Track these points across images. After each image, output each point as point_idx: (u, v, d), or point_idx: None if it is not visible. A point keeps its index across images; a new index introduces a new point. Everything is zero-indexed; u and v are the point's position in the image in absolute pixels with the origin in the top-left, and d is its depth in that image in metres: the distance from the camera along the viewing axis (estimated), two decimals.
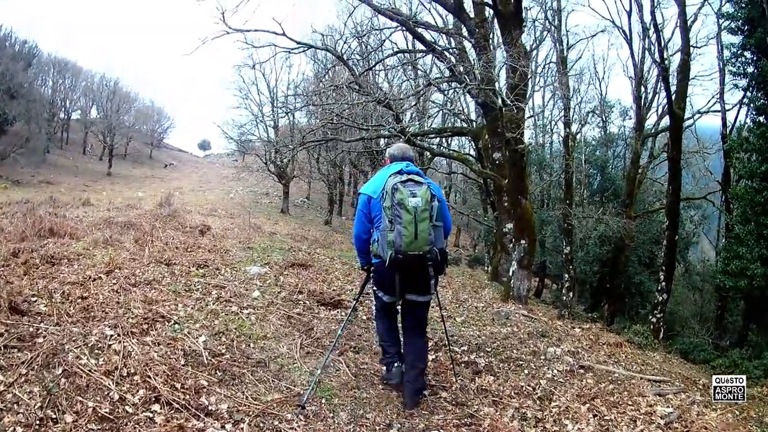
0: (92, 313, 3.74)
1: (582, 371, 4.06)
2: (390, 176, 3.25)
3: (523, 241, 8.25)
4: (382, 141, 20.20)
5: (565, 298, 13.46)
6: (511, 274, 8.34)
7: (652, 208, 19.08)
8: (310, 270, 6.57)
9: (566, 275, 14.03)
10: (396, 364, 3.54)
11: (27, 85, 28.11)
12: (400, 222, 3.08)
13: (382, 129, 10.05)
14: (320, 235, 17.49)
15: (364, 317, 5.05)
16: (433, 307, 3.78)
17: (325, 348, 4.04)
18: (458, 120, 16.29)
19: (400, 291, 3.30)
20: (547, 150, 23.05)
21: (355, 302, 4.24)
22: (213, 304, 4.57)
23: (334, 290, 5.78)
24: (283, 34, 7.98)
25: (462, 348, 4.43)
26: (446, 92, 14.40)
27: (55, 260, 5.32)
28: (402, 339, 3.62)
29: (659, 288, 12.17)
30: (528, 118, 14.22)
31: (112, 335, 3.36)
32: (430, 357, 4.07)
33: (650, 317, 12.31)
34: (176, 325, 3.84)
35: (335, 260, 8.19)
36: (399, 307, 3.49)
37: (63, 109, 42.13)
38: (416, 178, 3.23)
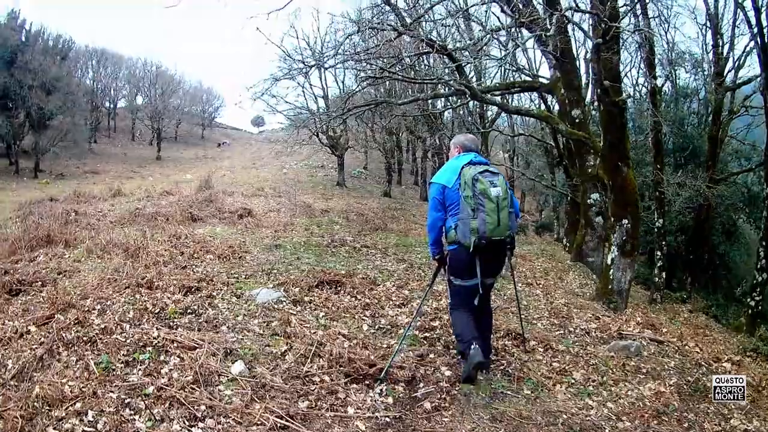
0: None
1: None
2: (464, 166, 3.34)
3: (625, 221, 6.50)
4: (439, 103, 18.21)
5: (657, 279, 11.43)
6: (610, 262, 6.64)
7: (732, 171, 16.47)
8: (345, 290, 4.67)
9: (658, 252, 11.91)
10: (473, 346, 3.32)
11: (64, 78, 27.83)
12: (483, 210, 3.21)
13: (440, 86, 8.25)
14: (378, 208, 15.73)
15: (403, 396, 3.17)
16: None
17: None
18: (522, 75, 14.15)
19: (481, 274, 3.33)
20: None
21: (425, 294, 3.92)
22: (142, 415, 2.53)
23: (379, 331, 4.01)
24: None
25: None
26: (507, 44, 12.40)
27: (22, 286, 4.15)
28: None
29: (759, 266, 9.97)
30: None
31: None
32: None
33: (748, 299, 10.27)
34: None
35: (388, 255, 6.62)
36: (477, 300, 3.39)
37: (108, 98, 42.58)
38: (491, 168, 3.37)
